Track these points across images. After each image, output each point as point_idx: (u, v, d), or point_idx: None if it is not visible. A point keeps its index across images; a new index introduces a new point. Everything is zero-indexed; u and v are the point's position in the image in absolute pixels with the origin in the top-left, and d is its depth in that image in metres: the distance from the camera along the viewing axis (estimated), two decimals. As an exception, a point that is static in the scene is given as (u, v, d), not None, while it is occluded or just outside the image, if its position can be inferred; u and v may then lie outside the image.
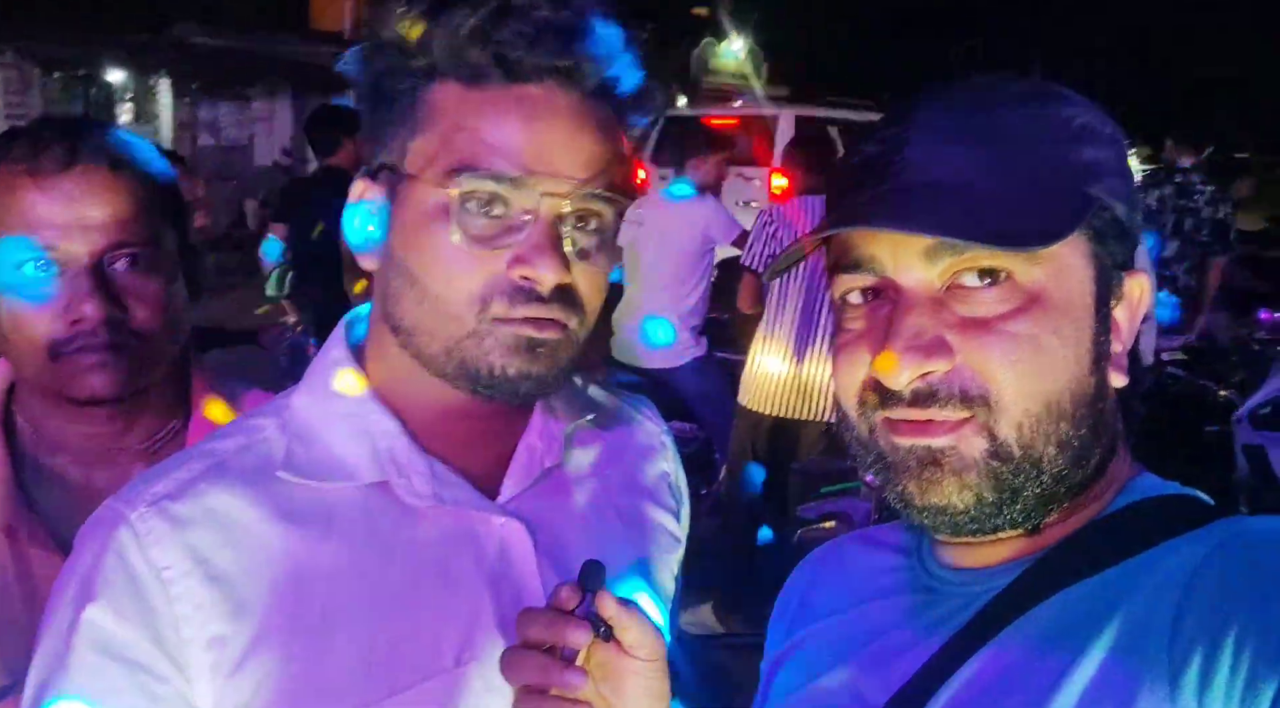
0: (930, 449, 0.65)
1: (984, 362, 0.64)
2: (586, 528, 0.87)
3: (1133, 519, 0.67)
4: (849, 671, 0.75)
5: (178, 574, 0.72)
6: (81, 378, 1.02)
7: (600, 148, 0.75)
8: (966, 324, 0.64)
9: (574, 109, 0.74)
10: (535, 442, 0.85)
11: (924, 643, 0.70)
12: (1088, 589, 0.64)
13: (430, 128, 0.74)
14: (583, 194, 0.74)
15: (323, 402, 0.82)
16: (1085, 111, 0.68)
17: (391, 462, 0.79)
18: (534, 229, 0.73)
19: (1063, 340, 0.64)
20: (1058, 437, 0.65)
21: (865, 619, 0.78)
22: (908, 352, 0.64)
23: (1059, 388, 0.64)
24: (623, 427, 0.97)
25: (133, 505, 0.75)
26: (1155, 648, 0.58)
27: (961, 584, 0.72)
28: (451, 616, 0.77)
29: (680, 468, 1.02)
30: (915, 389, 0.65)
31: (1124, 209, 0.67)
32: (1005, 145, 0.66)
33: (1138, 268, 0.70)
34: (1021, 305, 0.64)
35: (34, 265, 1.01)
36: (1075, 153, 0.66)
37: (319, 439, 0.80)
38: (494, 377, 0.75)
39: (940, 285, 0.65)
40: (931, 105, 0.69)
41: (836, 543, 0.90)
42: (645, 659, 0.72)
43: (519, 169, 0.72)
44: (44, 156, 1.01)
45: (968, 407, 0.64)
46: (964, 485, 0.65)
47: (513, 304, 0.73)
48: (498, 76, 0.72)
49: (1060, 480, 0.66)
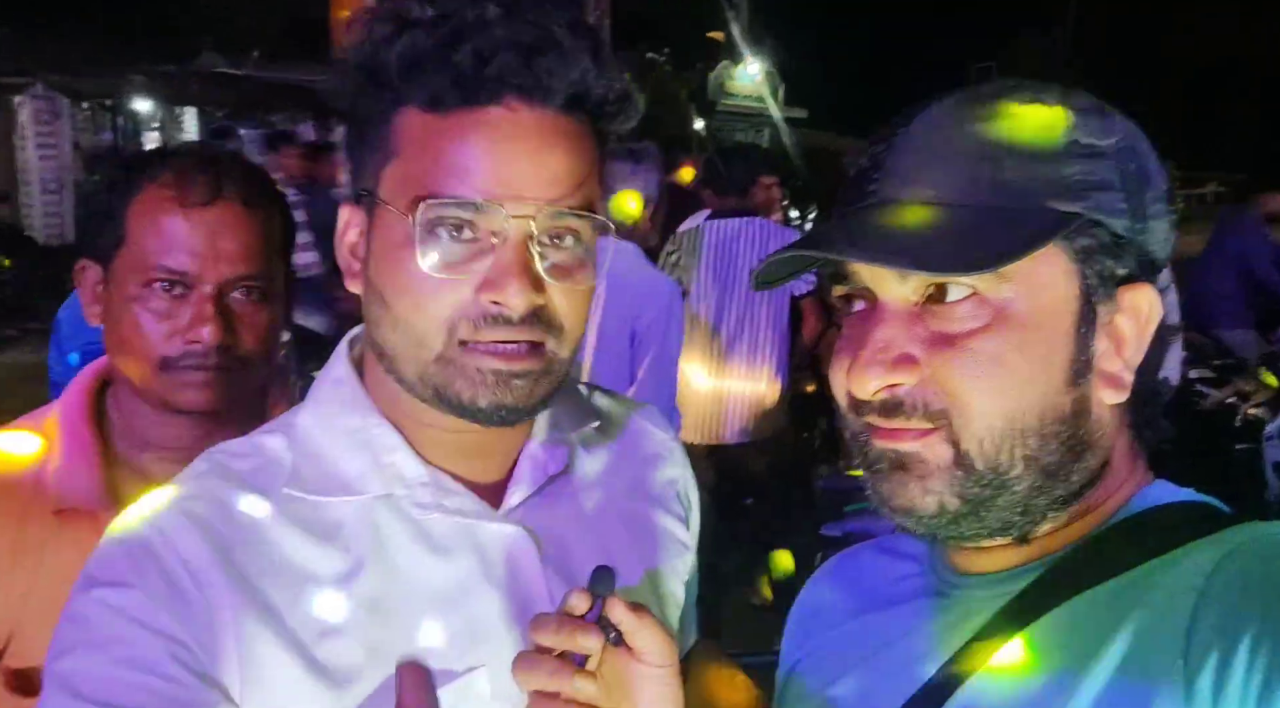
0: (899, 453, 0.67)
1: (947, 378, 0.65)
2: (592, 535, 0.87)
3: (1147, 524, 0.67)
4: (861, 678, 0.75)
5: (204, 565, 0.73)
6: (185, 392, 1.11)
7: (569, 164, 0.74)
8: (936, 339, 0.66)
9: (539, 127, 0.73)
10: (538, 450, 0.85)
11: (937, 649, 0.70)
12: (1102, 594, 0.64)
13: (398, 154, 0.74)
14: (551, 213, 0.73)
15: (326, 418, 0.82)
16: (1085, 123, 0.67)
17: (395, 475, 0.79)
18: (502, 253, 0.72)
19: (1028, 358, 0.64)
20: (1024, 452, 0.65)
21: (878, 626, 0.78)
22: (871, 365, 0.66)
23: (1023, 405, 0.64)
24: (629, 434, 0.97)
25: (157, 507, 0.76)
26: (1170, 651, 0.58)
27: (973, 590, 0.72)
28: (460, 623, 0.78)
29: (690, 475, 1.01)
30: (883, 399, 0.67)
31: (1125, 223, 0.66)
32: (978, 162, 0.66)
33: (1157, 282, 0.68)
34: (989, 323, 0.64)
35: (164, 284, 1.10)
36: (1057, 169, 0.65)
37: (324, 455, 0.80)
38: (465, 406, 0.74)
39: (916, 300, 0.67)
40: (920, 119, 0.69)
41: (851, 552, 0.90)
42: (657, 665, 0.72)
43: (482, 194, 0.71)
44: (192, 186, 1.10)
45: (931, 420, 0.65)
46: (927, 491, 0.66)
47: (478, 328, 0.72)
48: (457, 99, 0.71)
49: (1037, 493, 0.66)
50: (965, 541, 0.69)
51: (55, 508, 1.09)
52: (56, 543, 1.08)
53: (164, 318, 1.10)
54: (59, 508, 1.09)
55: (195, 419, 1.15)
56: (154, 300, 1.10)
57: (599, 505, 0.89)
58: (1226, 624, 0.56)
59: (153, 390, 1.12)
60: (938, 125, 0.68)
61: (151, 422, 1.16)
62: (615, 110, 0.78)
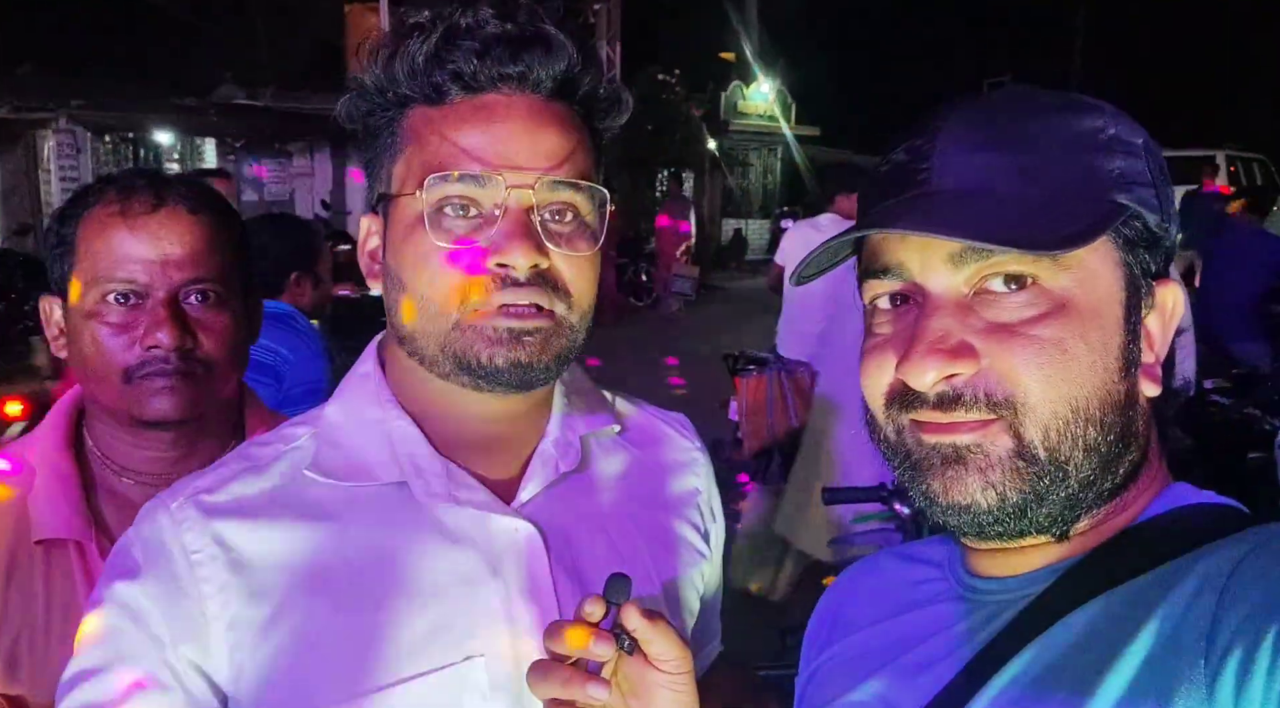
0: (955, 446, 0.65)
1: (1010, 366, 0.63)
2: (603, 535, 0.89)
3: (1168, 526, 0.67)
4: (881, 682, 0.75)
5: (205, 558, 0.78)
6: (151, 401, 1.12)
7: (562, 141, 0.79)
8: (992, 329, 0.64)
9: (532, 109, 0.79)
10: (551, 447, 0.88)
11: (957, 653, 0.70)
12: (1124, 595, 0.63)
13: (406, 149, 0.81)
14: (549, 182, 0.78)
15: (351, 410, 0.87)
16: (1116, 123, 0.68)
17: (410, 463, 0.83)
18: (504, 220, 0.77)
19: (1090, 346, 0.64)
20: (1085, 442, 0.64)
21: (897, 631, 0.77)
22: (931, 354, 0.64)
23: (1086, 393, 0.64)
24: (652, 441, 0.99)
25: (174, 497, 0.82)
26: (1192, 652, 0.57)
27: (994, 593, 0.71)
28: (462, 611, 0.80)
29: (714, 486, 1.03)
30: (940, 392, 0.65)
31: (1156, 219, 0.67)
32: (1031, 153, 0.65)
33: (1171, 279, 0.70)
34: (1048, 311, 0.64)
35: (117, 296, 1.12)
36: (1103, 162, 0.66)
37: (346, 443, 0.85)
38: (484, 367, 0.78)
39: (967, 290, 0.65)
40: (959, 115, 0.69)
41: (870, 559, 0.90)
42: (673, 673, 0.73)
43: (482, 167, 0.77)
44: (135, 199, 1.13)
45: (993, 410, 0.64)
46: (988, 484, 0.65)
47: (489, 292, 0.77)
48: (456, 91, 0.79)
49: (1088, 486, 0.66)
50: (1009, 539, 0.68)
51: (36, 538, 1.10)
52: (45, 571, 1.09)
53: (121, 330, 1.11)
54: (39, 538, 1.10)
55: (170, 437, 1.16)
56: (110, 314, 1.11)
57: (613, 507, 0.91)
58: (1248, 625, 0.55)
59: (120, 405, 1.13)
60: (981, 120, 0.68)
61: (126, 444, 1.17)
62: (605, 105, 0.85)
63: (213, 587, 0.77)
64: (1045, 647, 0.65)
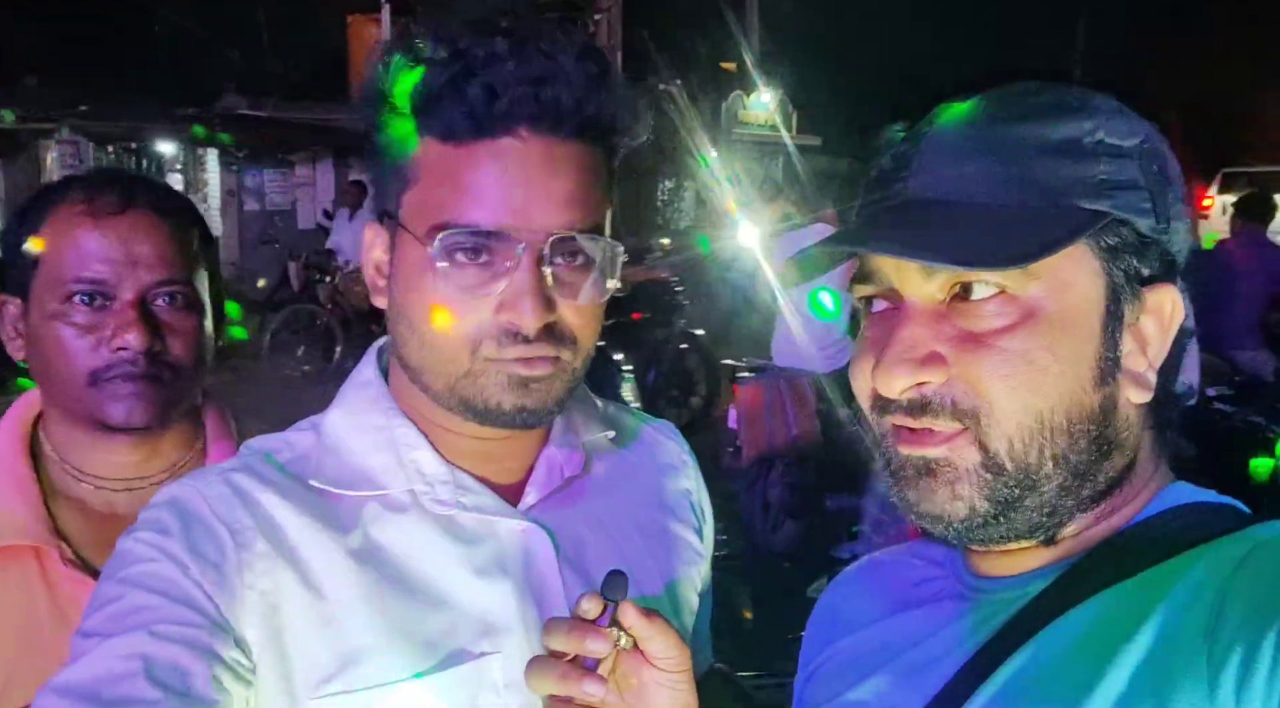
0: (925, 460, 0.66)
1: (976, 377, 0.64)
2: (606, 537, 0.90)
3: (1168, 524, 0.67)
4: (881, 681, 0.75)
5: (242, 528, 0.78)
6: (117, 405, 1.08)
7: (579, 188, 0.78)
8: (963, 338, 0.65)
9: (548, 155, 0.76)
10: (555, 453, 0.89)
11: (957, 651, 0.70)
12: (1123, 593, 0.64)
13: (417, 182, 0.79)
14: (560, 238, 0.77)
15: (353, 417, 0.87)
16: (1108, 125, 0.67)
17: (416, 472, 0.83)
18: (516, 276, 0.76)
19: (1057, 357, 0.64)
20: (1053, 451, 0.65)
21: (898, 630, 0.78)
22: (898, 363, 0.65)
23: (1052, 404, 0.64)
24: (644, 446, 1.01)
25: (201, 479, 0.82)
26: (1192, 649, 0.57)
27: (994, 592, 0.71)
28: (474, 610, 0.81)
29: (703, 487, 1.05)
30: (910, 398, 0.66)
31: (1150, 223, 0.66)
32: (1010, 160, 0.66)
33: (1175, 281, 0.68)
34: (1017, 320, 0.64)
35: (83, 296, 1.08)
36: (1084, 169, 0.65)
37: (349, 451, 0.85)
38: (491, 410, 0.80)
39: (942, 299, 0.66)
40: (946, 119, 0.69)
41: (870, 558, 0.90)
42: (670, 671, 0.73)
43: (494, 223, 0.75)
44: (102, 198, 1.09)
45: (959, 420, 0.65)
46: (956, 496, 0.66)
47: (501, 346, 0.78)
48: (470, 131, 0.75)
49: (1065, 494, 0.66)
50: (992, 544, 0.69)
51: None
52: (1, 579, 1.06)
53: (87, 331, 1.08)
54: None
55: (131, 441, 1.13)
56: (75, 315, 1.07)
57: (614, 510, 0.92)
58: (1250, 622, 0.55)
59: (84, 409, 1.09)
60: (965, 125, 0.68)
61: (86, 448, 1.14)
62: (625, 130, 0.83)
63: (251, 555, 0.77)
64: (1045, 645, 0.65)
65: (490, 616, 0.81)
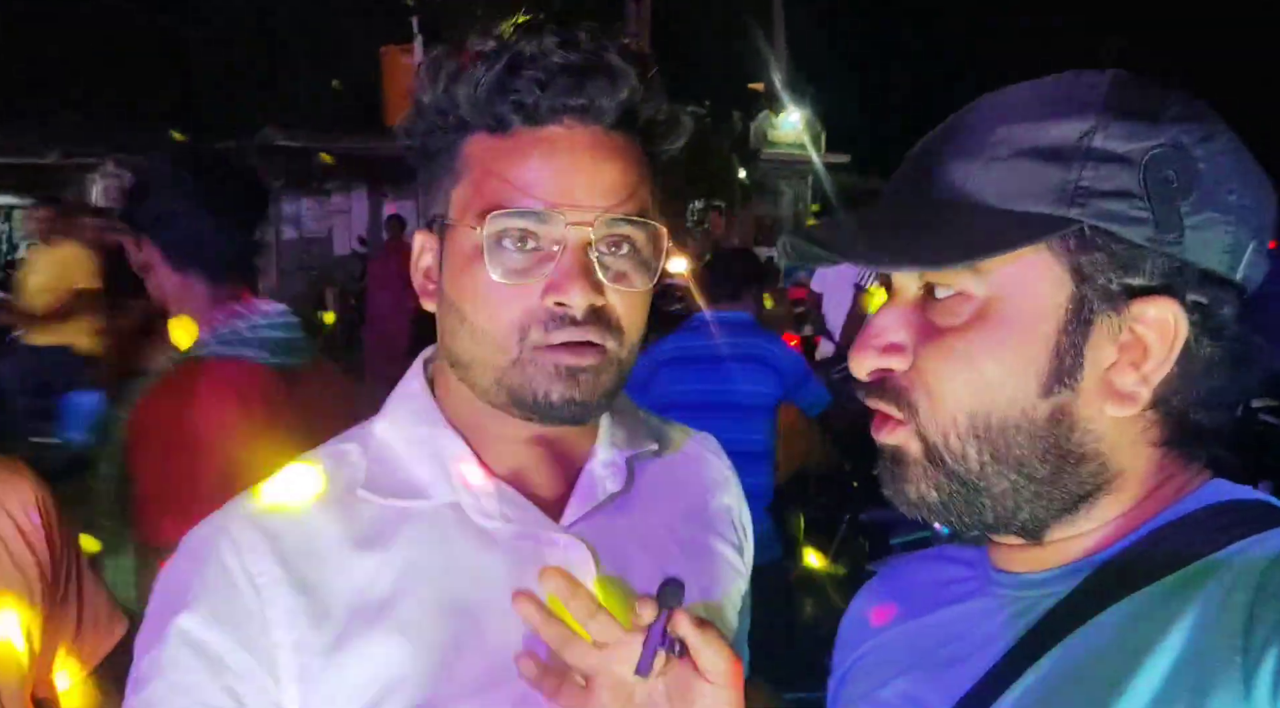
0: (886, 444, 0.70)
1: (924, 370, 0.67)
2: (648, 553, 0.90)
3: (1201, 521, 0.66)
4: (911, 680, 0.75)
5: (269, 581, 0.78)
6: None
7: (623, 176, 0.81)
8: (926, 331, 0.68)
9: (594, 143, 0.80)
10: (599, 468, 0.90)
11: (986, 650, 0.70)
12: (1156, 591, 0.63)
13: (466, 177, 0.82)
14: (607, 220, 0.79)
15: (400, 427, 0.88)
16: (1115, 126, 0.63)
17: (462, 483, 0.84)
18: (564, 258, 0.78)
19: (1000, 361, 0.64)
20: (991, 451, 0.65)
21: (928, 630, 0.78)
22: (864, 348, 0.69)
23: (987, 406, 0.65)
24: (687, 460, 1.01)
25: (232, 520, 0.82)
26: (1228, 648, 0.56)
27: (1022, 589, 0.71)
28: (516, 628, 0.80)
29: (744, 504, 1.04)
30: (870, 382, 0.70)
31: (1145, 230, 0.62)
32: (989, 161, 0.65)
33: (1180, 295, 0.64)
34: (968, 321, 0.66)
35: None
36: (1060, 172, 0.63)
37: (396, 461, 0.86)
38: (539, 403, 0.80)
39: (919, 293, 0.69)
40: (956, 120, 0.70)
41: (901, 561, 0.91)
42: (719, 685, 0.73)
43: (543, 204, 0.78)
44: None
45: (903, 410, 0.68)
46: (908, 482, 0.69)
47: (549, 331, 0.78)
48: (519, 122, 0.79)
49: (1021, 494, 0.66)
50: (970, 530, 0.70)
51: None
52: None
53: None
54: None
55: None
56: None
57: (656, 527, 0.92)
58: None
59: None
60: (970, 121, 0.69)
61: None
62: (664, 130, 0.86)
63: (279, 611, 0.77)
64: (1075, 645, 0.64)
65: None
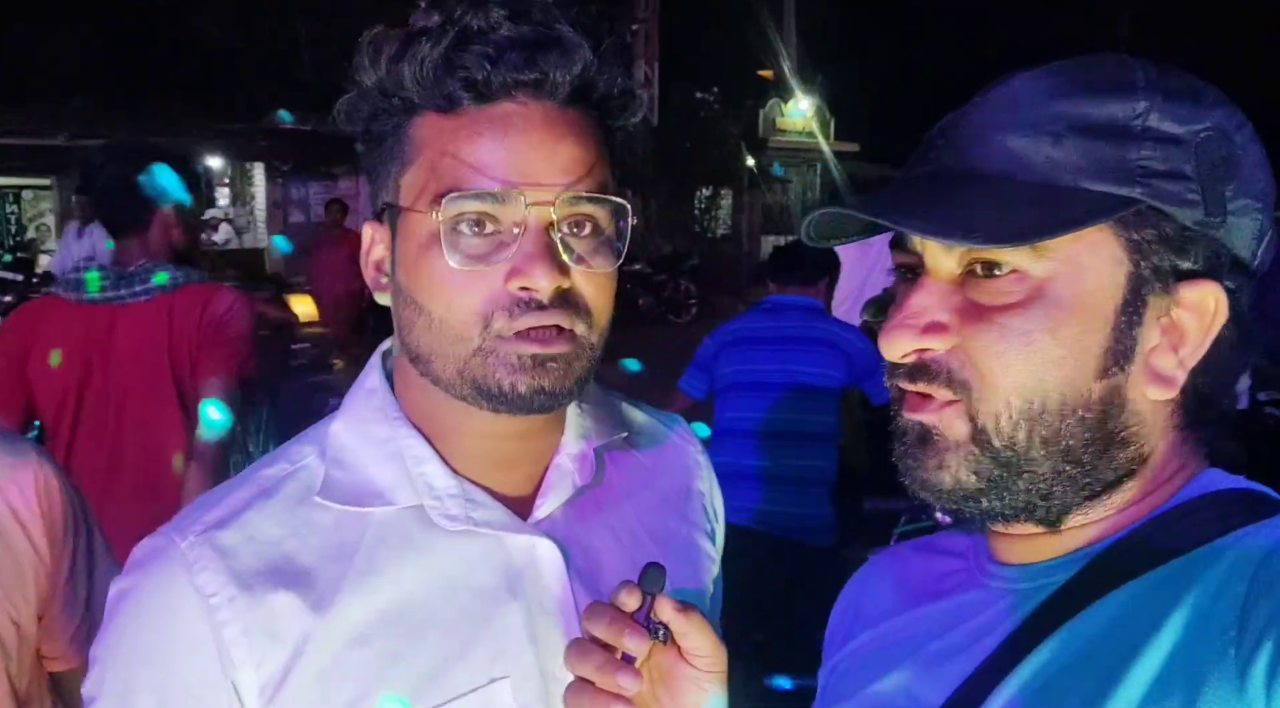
0: (922, 426, 0.67)
1: (974, 349, 0.64)
2: (620, 548, 0.87)
3: (1197, 511, 0.65)
4: (904, 673, 0.74)
5: (223, 600, 0.74)
6: None
7: (581, 152, 0.76)
8: (970, 310, 0.65)
9: (549, 119, 0.75)
10: (566, 462, 0.86)
11: (980, 642, 0.69)
12: (1150, 581, 0.62)
13: (416, 160, 0.76)
14: (569, 198, 0.74)
15: (358, 428, 0.83)
16: (1166, 107, 0.63)
17: (425, 485, 0.80)
18: (525, 239, 0.73)
19: (1059, 341, 0.63)
20: (1043, 434, 0.64)
21: (920, 622, 0.76)
22: (902, 328, 0.66)
23: (1045, 386, 0.63)
24: (656, 446, 0.98)
25: (184, 535, 0.76)
26: (1222, 640, 0.56)
27: (1017, 580, 0.70)
28: (484, 634, 0.78)
29: (716, 488, 1.02)
30: (911, 364, 0.66)
31: (1198, 216, 0.62)
32: (1041, 137, 0.64)
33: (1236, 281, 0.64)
34: (1023, 300, 0.63)
35: None
36: (1120, 151, 0.62)
37: (355, 465, 0.81)
38: (505, 394, 0.75)
39: (959, 271, 0.66)
40: (996, 91, 0.68)
41: (891, 552, 0.89)
42: (705, 670, 0.73)
43: (500, 183, 0.73)
44: None
45: (953, 389, 0.65)
46: (943, 466, 0.66)
47: (514, 317, 0.74)
48: (469, 100, 0.74)
49: (1060, 479, 0.65)
50: (991, 519, 0.68)
51: None
52: None
53: None
54: None
55: None
56: None
57: (628, 519, 0.90)
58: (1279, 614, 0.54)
59: None
60: (1012, 95, 0.66)
61: None
62: (619, 104, 0.81)
63: (235, 630, 0.73)
64: (1071, 635, 0.64)
65: (499, 638, 0.78)
